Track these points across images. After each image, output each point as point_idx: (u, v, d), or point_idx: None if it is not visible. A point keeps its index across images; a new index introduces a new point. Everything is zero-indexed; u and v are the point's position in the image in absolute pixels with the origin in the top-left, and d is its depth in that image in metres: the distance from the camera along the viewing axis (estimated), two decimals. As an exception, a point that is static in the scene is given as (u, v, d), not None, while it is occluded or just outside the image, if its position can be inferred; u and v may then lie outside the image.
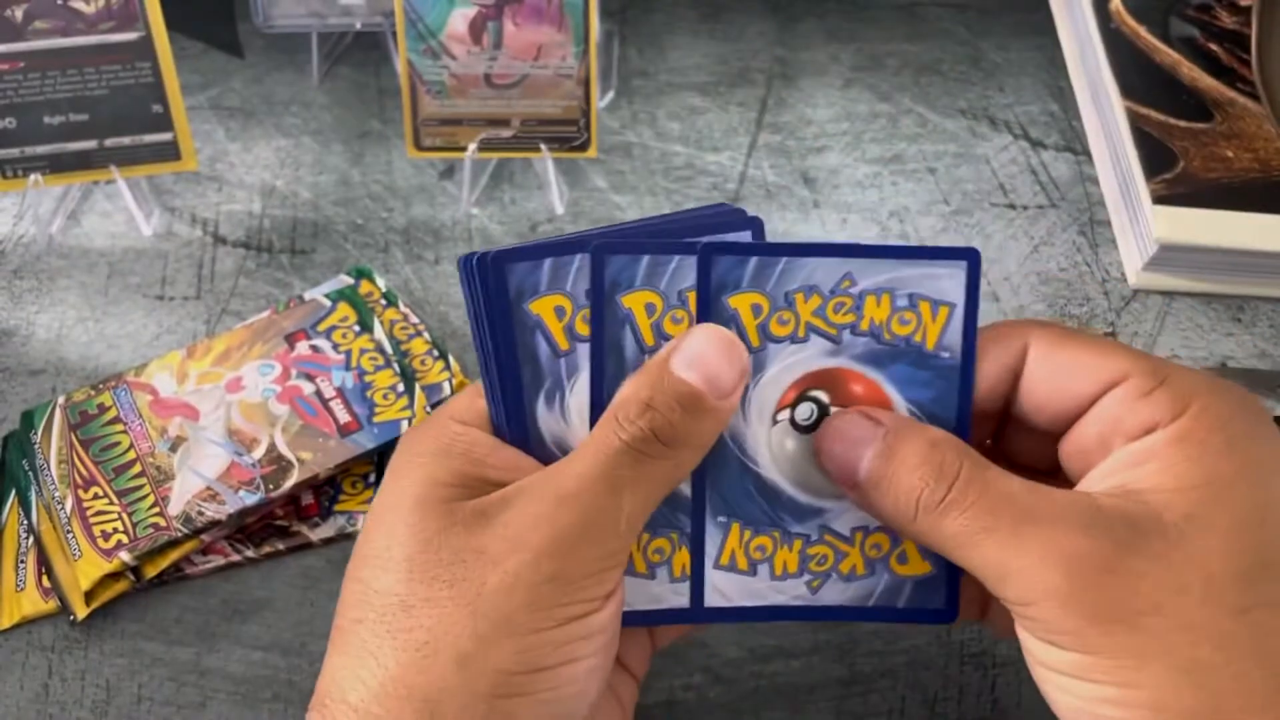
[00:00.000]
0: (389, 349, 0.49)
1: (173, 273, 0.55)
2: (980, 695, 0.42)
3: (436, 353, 0.50)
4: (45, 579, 0.43)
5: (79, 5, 0.51)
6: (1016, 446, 0.34)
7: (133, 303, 0.53)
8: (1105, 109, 0.60)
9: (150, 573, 0.43)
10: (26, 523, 0.45)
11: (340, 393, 0.48)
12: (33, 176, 0.54)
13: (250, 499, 0.44)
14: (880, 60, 0.66)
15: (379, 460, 0.47)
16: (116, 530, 0.43)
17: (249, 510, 0.44)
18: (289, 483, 0.45)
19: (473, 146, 0.56)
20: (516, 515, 0.29)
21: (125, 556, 0.42)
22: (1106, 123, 0.60)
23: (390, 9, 0.61)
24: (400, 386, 0.48)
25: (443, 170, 0.60)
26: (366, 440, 0.46)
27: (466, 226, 0.57)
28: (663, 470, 0.30)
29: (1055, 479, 0.31)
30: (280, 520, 0.45)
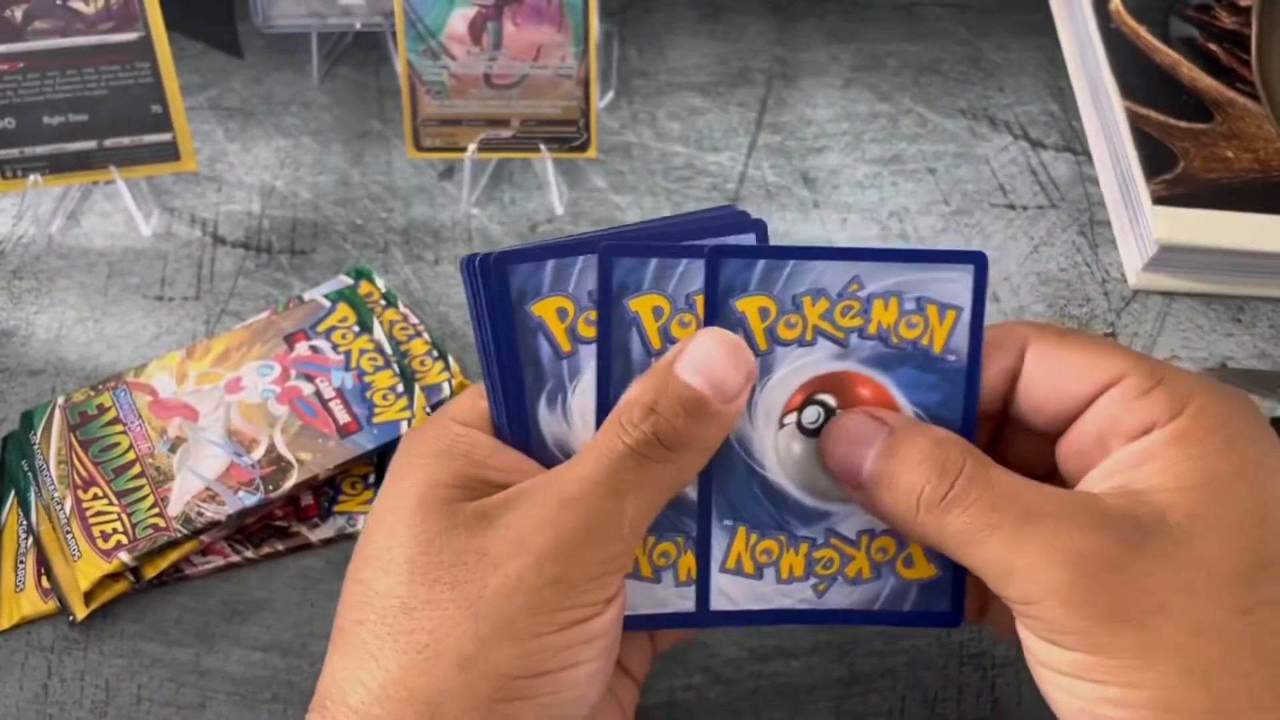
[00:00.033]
0: (388, 349, 0.49)
1: (172, 273, 0.54)
2: (980, 695, 0.42)
3: (436, 353, 0.50)
4: (45, 579, 0.43)
5: (78, 5, 0.51)
6: (1013, 450, 0.34)
7: (132, 303, 0.53)
8: (1105, 109, 0.60)
9: (150, 573, 0.43)
10: (26, 523, 0.45)
11: (340, 393, 0.48)
12: (32, 177, 0.54)
13: (250, 500, 0.44)
14: (880, 60, 0.66)
15: (378, 461, 0.47)
16: (116, 531, 0.43)
17: (248, 511, 0.44)
18: (288, 483, 0.45)
19: (472, 147, 0.56)
20: (519, 517, 0.29)
21: (125, 557, 0.42)
22: (1106, 123, 0.60)
23: (390, 9, 0.61)
24: (400, 387, 0.48)
25: (442, 170, 0.59)
26: (366, 441, 0.46)
27: (466, 227, 0.57)
28: (666, 474, 0.30)
29: (1052, 483, 0.30)
30: (280, 521, 0.45)
